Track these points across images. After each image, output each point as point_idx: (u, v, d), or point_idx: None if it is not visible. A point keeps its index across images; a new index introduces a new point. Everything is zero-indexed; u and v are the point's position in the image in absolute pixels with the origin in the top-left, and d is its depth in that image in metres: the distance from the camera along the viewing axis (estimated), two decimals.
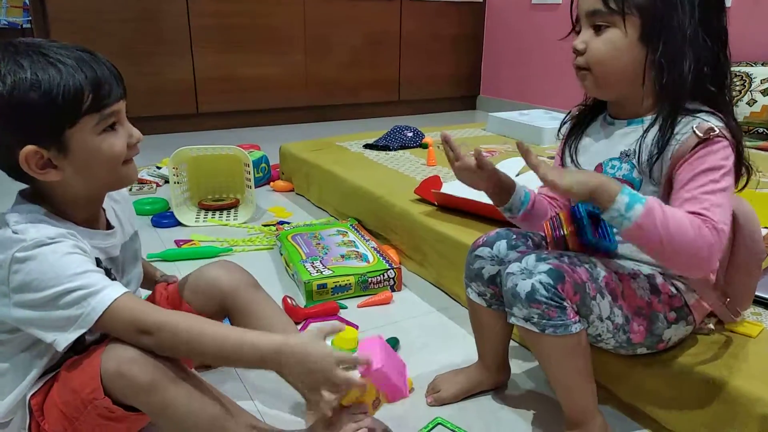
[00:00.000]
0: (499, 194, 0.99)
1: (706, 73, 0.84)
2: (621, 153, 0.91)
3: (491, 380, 1.09)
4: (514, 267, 0.86)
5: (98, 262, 0.82)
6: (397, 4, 3.73)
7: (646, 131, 0.87)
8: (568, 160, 0.99)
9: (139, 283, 0.98)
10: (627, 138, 0.91)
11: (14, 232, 0.75)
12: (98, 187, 0.84)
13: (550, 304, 0.82)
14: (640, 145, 0.88)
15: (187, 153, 1.92)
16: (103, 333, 0.81)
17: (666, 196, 0.86)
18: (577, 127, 1.00)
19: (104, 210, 0.90)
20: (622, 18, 0.83)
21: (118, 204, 0.94)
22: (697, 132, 0.82)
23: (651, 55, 0.84)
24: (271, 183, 2.34)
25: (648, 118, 0.88)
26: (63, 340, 0.74)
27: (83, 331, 0.74)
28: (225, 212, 2.02)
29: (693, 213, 0.78)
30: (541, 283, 0.82)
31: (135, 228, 0.97)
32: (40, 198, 0.81)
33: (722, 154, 0.81)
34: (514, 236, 0.99)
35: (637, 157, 0.88)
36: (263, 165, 2.32)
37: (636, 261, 0.92)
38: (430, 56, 3.95)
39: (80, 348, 0.81)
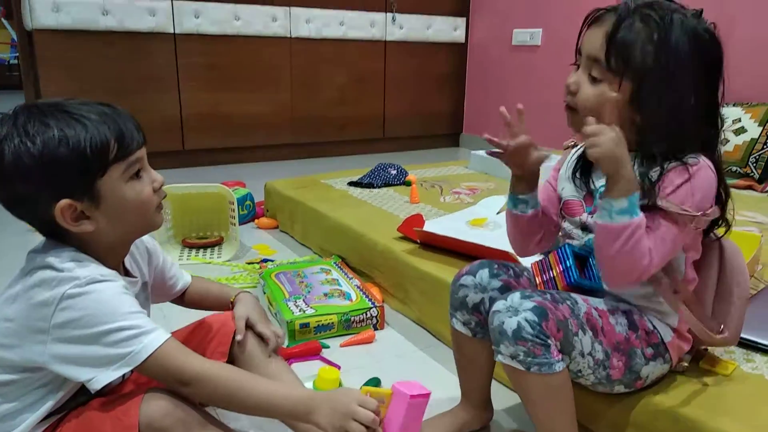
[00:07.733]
0: (527, 181, 0.97)
1: (695, 130, 0.88)
2: None
3: (476, 420, 1.09)
4: (499, 305, 0.87)
5: None
6: (382, 44, 3.82)
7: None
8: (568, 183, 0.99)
9: None
10: None
11: (60, 270, 0.76)
12: (130, 233, 0.87)
13: (536, 342, 0.84)
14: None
15: (170, 191, 1.93)
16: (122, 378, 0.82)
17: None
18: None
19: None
20: (619, 79, 0.84)
21: (132, 255, 0.95)
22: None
23: (638, 118, 0.86)
24: (256, 220, 2.36)
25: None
26: (104, 377, 0.76)
27: (128, 369, 0.76)
28: (209, 250, 2.03)
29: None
30: (526, 320, 0.83)
31: (147, 278, 0.98)
32: (71, 244, 0.82)
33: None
34: (496, 266, 1.01)
35: None
36: (248, 202, 2.34)
37: (617, 298, 0.94)
38: (414, 95, 4.03)
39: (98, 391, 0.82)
